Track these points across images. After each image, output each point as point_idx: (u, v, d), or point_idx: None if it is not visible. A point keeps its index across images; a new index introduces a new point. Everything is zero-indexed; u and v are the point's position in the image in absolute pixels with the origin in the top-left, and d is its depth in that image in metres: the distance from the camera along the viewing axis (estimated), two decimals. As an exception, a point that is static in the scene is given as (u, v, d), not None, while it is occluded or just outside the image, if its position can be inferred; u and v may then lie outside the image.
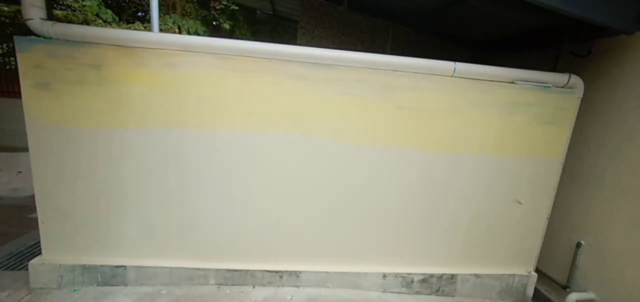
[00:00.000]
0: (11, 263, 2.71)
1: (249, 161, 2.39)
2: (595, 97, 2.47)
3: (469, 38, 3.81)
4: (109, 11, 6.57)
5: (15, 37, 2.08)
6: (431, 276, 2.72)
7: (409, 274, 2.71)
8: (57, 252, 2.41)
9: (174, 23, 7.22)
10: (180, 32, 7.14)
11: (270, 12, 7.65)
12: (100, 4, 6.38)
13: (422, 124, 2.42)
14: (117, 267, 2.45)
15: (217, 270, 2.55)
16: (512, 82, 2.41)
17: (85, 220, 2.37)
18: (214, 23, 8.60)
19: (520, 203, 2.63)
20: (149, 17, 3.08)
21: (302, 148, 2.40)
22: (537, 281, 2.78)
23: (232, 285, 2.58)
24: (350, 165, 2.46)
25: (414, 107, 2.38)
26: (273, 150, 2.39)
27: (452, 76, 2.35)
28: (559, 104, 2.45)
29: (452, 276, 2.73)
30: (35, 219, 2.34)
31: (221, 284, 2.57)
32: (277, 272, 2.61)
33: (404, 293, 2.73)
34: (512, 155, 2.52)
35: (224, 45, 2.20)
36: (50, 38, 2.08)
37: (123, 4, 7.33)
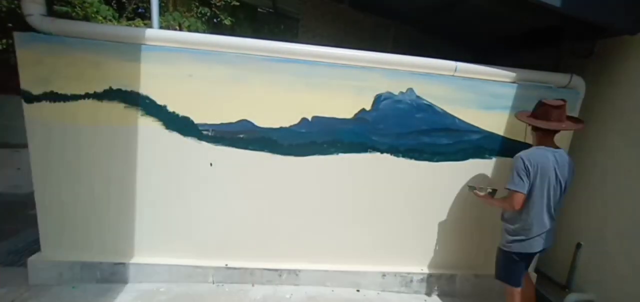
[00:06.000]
0: (10, 259, 2.71)
1: (248, 160, 2.38)
2: (596, 98, 2.46)
3: (470, 37, 3.80)
4: (110, 8, 6.55)
5: (14, 33, 2.06)
6: (430, 275, 2.72)
7: (408, 273, 2.71)
8: (56, 248, 2.40)
9: (174, 20, 7.20)
10: (180, 30, 7.12)
11: (271, 10, 7.63)
12: (101, 0, 6.35)
13: (422, 123, 2.41)
14: (116, 264, 2.45)
15: (217, 268, 2.55)
16: (514, 82, 2.40)
17: (84, 217, 2.37)
18: (215, 20, 8.56)
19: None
20: (150, 13, 3.07)
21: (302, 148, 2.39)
22: (537, 281, 2.77)
23: (232, 283, 2.58)
24: (350, 165, 2.45)
25: (415, 107, 2.37)
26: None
27: (453, 75, 2.34)
28: (560, 104, 2.44)
29: (452, 276, 2.73)
30: (35, 216, 2.33)
31: (220, 282, 2.57)
32: (276, 270, 2.61)
33: (403, 292, 2.73)
34: (512, 155, 2.51)
35: (222, 43, 2.19)
36: (50, 34, 2.07)
37: (123, 0, 7.29)
